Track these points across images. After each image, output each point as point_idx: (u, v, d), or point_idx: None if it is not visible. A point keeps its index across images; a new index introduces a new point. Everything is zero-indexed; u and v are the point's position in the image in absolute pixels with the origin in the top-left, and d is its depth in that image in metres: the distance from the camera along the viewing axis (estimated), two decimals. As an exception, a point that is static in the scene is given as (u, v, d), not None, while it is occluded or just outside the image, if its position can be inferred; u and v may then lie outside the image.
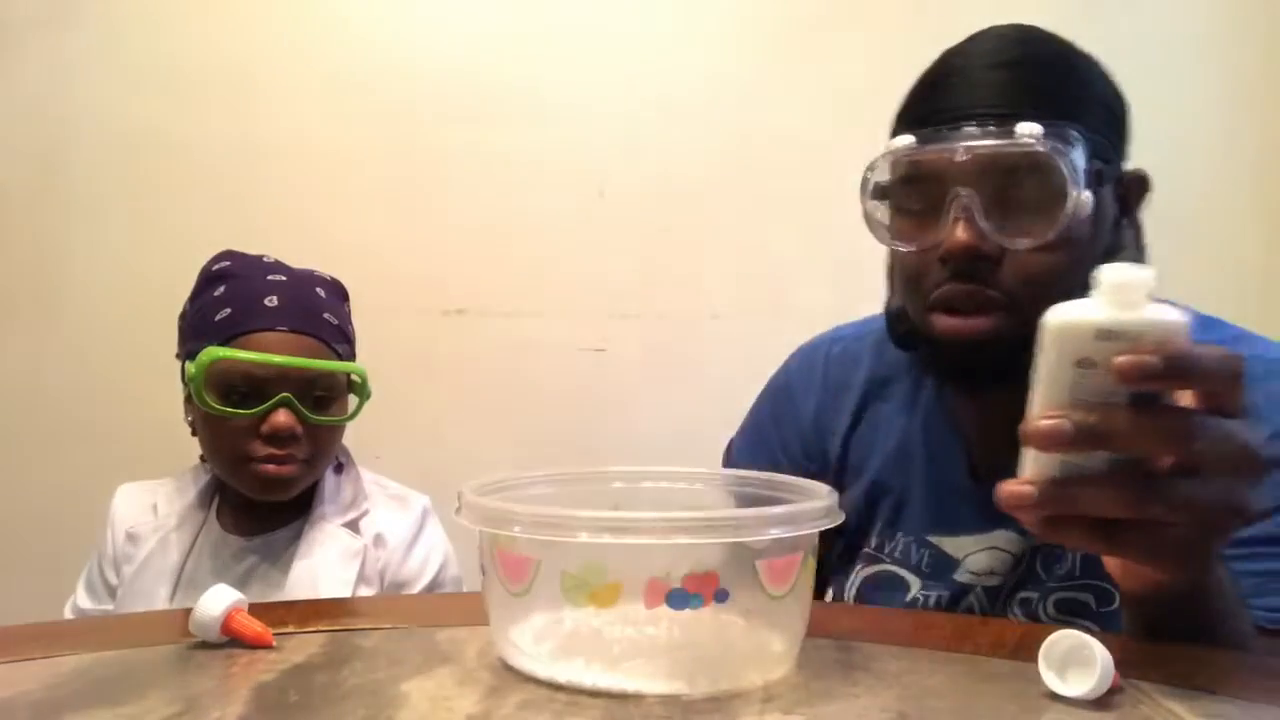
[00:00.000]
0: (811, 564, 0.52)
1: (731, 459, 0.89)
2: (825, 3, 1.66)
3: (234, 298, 0.97)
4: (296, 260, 1.05)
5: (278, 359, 0.92)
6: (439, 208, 1.60)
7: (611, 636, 0.49)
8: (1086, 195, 0.62)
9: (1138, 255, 0.72)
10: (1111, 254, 0.68)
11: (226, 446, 0.95)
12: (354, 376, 1.01)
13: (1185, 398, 0.45)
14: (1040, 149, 0.61)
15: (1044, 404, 0.45)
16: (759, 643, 0.51)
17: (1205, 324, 0.70)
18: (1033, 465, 0.47)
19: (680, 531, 0.46)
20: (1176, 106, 1.70)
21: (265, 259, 1.02)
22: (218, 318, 0.95)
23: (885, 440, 0.81)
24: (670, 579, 0.47)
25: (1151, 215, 1.73)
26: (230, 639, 0.56)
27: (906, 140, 0.66)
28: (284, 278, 1.00)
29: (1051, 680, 0.47)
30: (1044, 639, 0.48)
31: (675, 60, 1.63)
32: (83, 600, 1.02)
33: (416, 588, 1.00)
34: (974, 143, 0.63)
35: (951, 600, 0.75)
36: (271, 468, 0.94)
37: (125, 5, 1.58)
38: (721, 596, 0.48)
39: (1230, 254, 1.70)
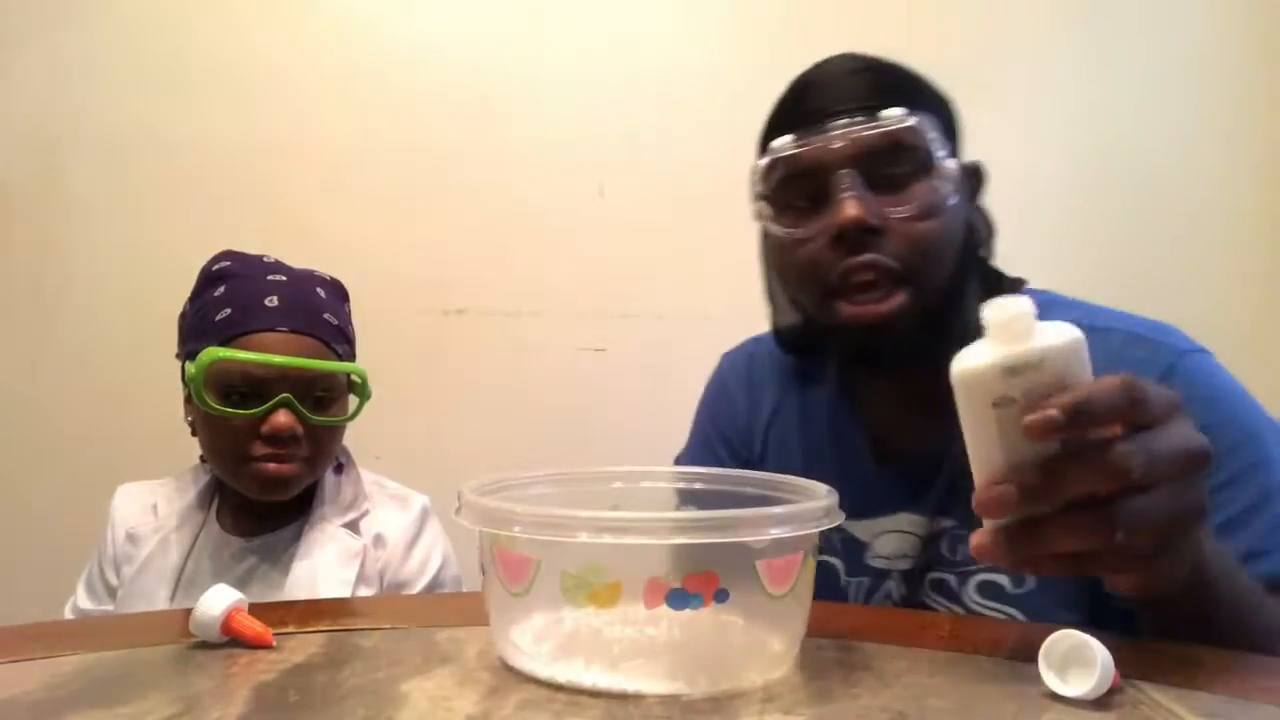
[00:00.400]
0: (811, 564, 0.52)
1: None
2: (826, 3, 1.66)
3: (234, 298, 0.96)
4: (296, 260, 1.05)
5: (278, 359, 0.92)
6: (439, 208, 1.60)
7: (611, 636, 0.49)
8: (951, 162, 0.70)
9: (988, 234, 0.79)
10: (970, 231, 0.75)
11: (226, 446, 0.94)
12: (354, 377, 1.01)
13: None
14: (905, 126, 0.68)
15: (977, 452, 0.47)
16: (759, 643, 0.51)
17: (1050, 303, 0.75)
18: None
19: (680, 531, 0.46)
20: (1179, 110, 1.70)
21: (265, 259, 1.02)
22: (218, 318, 0.95)
23: (799, 432, 0.86)
24: (670, 579, 0.47)
25: (1158, 218, 1.73)
26: (230, 639, 0.56)
27: (786, 139, 0.71)
28: (284, 278, 0.99)
29: (1051, 680, 0.47)
30: (1044, 639, 0.48)
31: (675, 60, 1.63)
32: (83, 601, 1.02)
33: (416, 587, 1.00)
34: (848, 130, 0.69)
35: (872, 587, 0.78)
36: (272, 467, 0.93)
37: (125, 5, 1.58)
38: (721, 596, 0.48)
39: (1233, 256, 1.70)
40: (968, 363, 0.46)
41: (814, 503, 0.51)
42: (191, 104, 1.57)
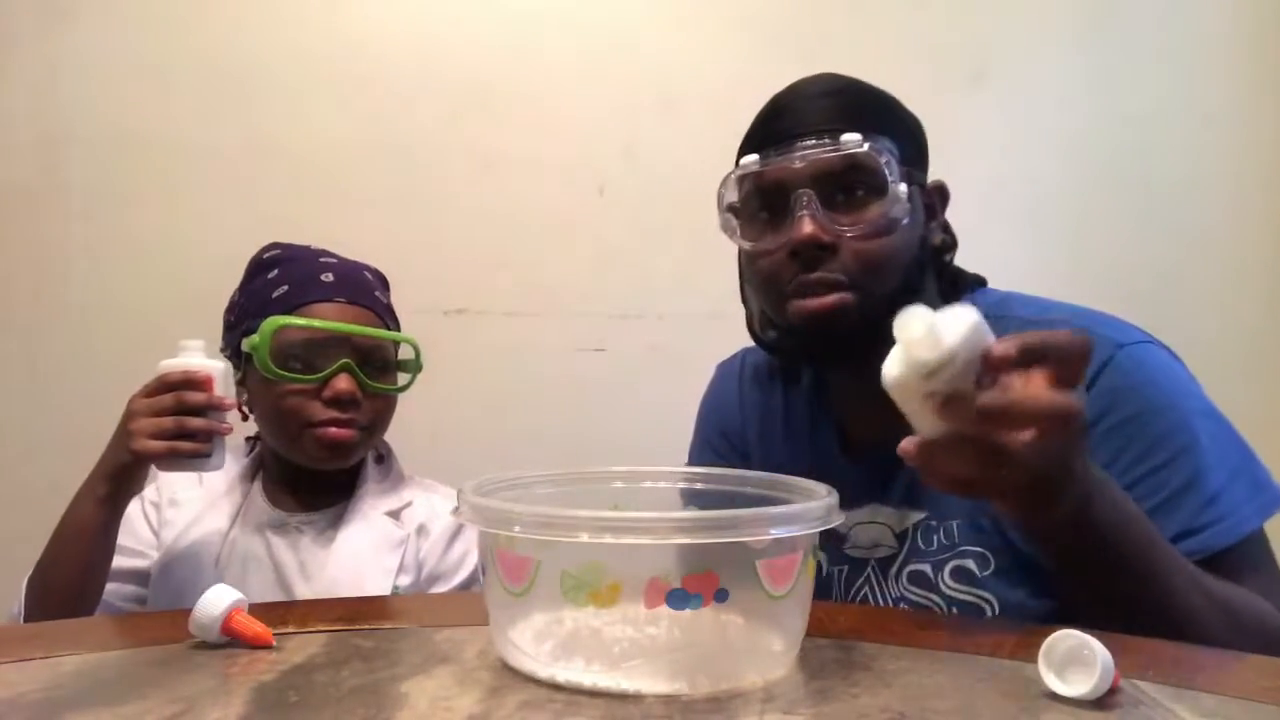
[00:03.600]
0: (811, 564, 0.52)
1: None
2: (827, 2, 1.66)
3: (289, 277, 1.00)
4: (296, 260, 1.05)
5: (340, 325, 0.96)
6: (439, 208, 1.60)
7: (611, 636, 0.49)
8: (902, 188, 0.75)
9: (952, 245, 0.85)
10: (925, 244, 0.80)
11: (288, 413, 0.96)
12: (408, 347, 1.04)
13: (1036, 378, 0.53)
14: (861, 151, 0.74)
15: (918, 427, 0.55)
16: (759, 643, 0.51)
17: (1007, 299, 0.82)
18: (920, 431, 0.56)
19: (680, 531, 0.46)
20: (1183, 108, 1.70)
21: (312, 247, 1.06)
22: (275, 295, 0.99)
23: (782, 428, 0.91)
24: (670, 579, 0.47)
25: (1159, 218, 1.73)
26: (230, 639, 0.56)
27: (752, 158, 0.78)
28: (334, 260, 1.04)
29: (1051, 680, 0.47)
30: (1044, 639, 0.48)
31: (676, 59, 1.63)
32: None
33: (453, 582, 1.01)
34: (808, 152, 0.75)
35: (852, 576, 0.83)
36: (333, 431, 0.95)
37: (125, 5, 1.58)
38: (721, 596, 0.48)
39: (1237, 254, 1.70)
40: (892, 373, 0.53)
41: (814, 503, 0.51)
42: (191, 104, 1.57)
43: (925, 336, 0.51)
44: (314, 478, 1.01)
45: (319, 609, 0.70)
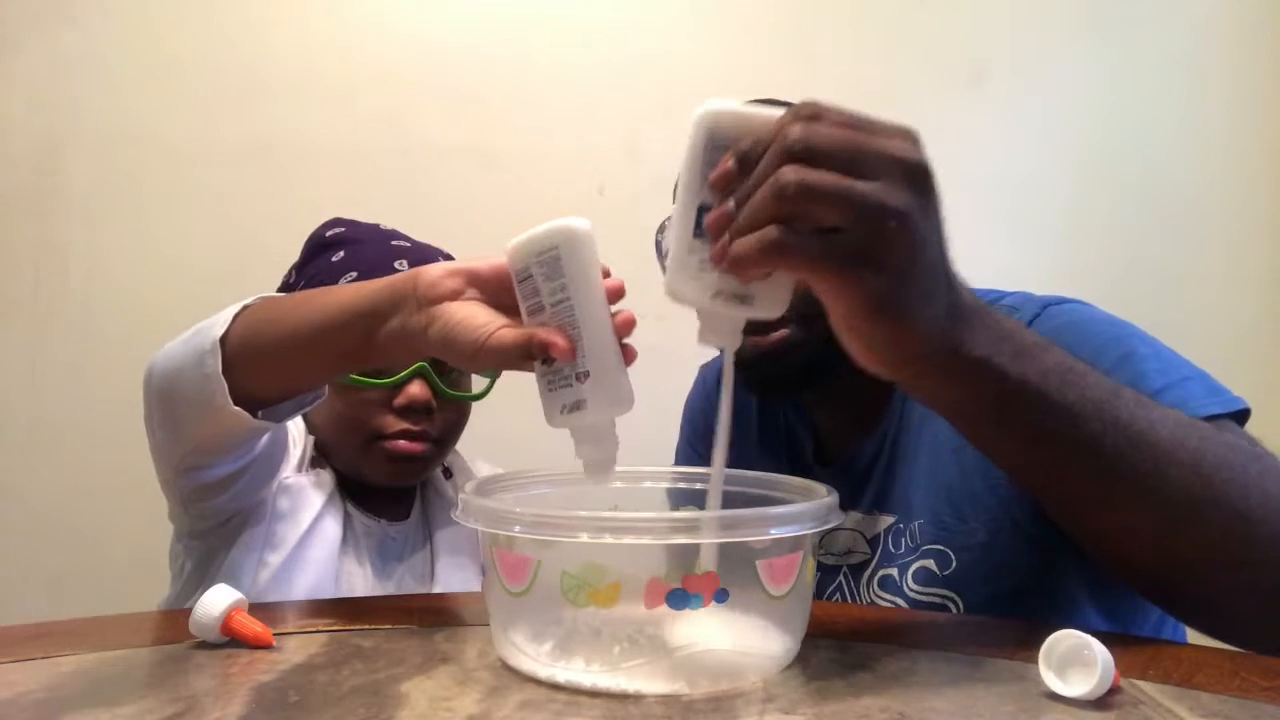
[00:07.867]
0: (811, 564, 0.52)
1: None
2: (827, 1, 1.66)
3: (358, 262, 0.89)
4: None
5: None
6: (439, 208, 1.60)
7: (611, 636, 0.49)
8: None
9: None
10: None
11: (355, 422, 0.87)
12: None
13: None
14: None
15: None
16: (759, 643, 0.51)
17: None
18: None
19: (680, 531, 0.46)
20: (1181, 109, 1.70)
21: (381, 227, 0.97)
22: (342, 281, 0.87)
23: (758, 431, 0.91)
24: (670, 579, 0.47)
25: (1158, 218, 1.73)
26: (230, 639, 0.56)
27: None
28: (408, 244, 0.93)
29: (1051, 680, 0.47)
30: (1044, 639, 0.48)
31: (676, 59, 1.63)
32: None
33: None
34: None
35: (824, 582, 0.82)
36: (403, 444, 0.87)
37: (125, 5, 1.58)
38: (721, 596, 0.48)
39: (1234, 254, 1.71)
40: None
41: (814, 503, 0.51)
42: (192, 104, 1.57)
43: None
44: (379, 490, 0.93)
45: (319, 609, 0.70)
